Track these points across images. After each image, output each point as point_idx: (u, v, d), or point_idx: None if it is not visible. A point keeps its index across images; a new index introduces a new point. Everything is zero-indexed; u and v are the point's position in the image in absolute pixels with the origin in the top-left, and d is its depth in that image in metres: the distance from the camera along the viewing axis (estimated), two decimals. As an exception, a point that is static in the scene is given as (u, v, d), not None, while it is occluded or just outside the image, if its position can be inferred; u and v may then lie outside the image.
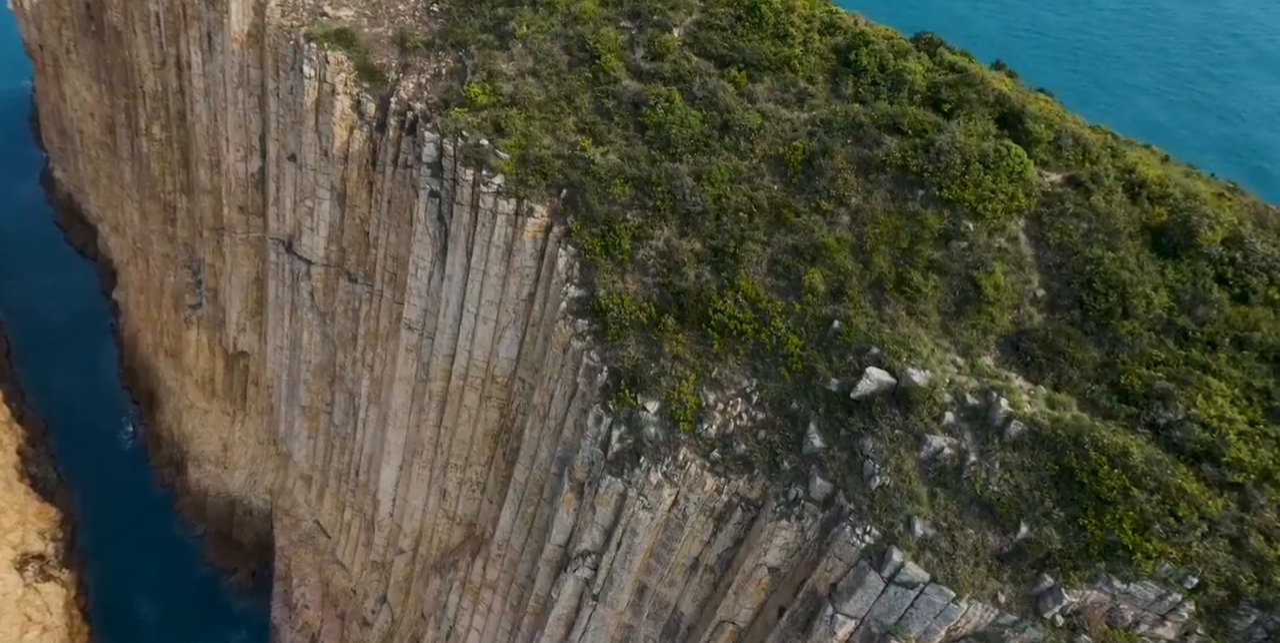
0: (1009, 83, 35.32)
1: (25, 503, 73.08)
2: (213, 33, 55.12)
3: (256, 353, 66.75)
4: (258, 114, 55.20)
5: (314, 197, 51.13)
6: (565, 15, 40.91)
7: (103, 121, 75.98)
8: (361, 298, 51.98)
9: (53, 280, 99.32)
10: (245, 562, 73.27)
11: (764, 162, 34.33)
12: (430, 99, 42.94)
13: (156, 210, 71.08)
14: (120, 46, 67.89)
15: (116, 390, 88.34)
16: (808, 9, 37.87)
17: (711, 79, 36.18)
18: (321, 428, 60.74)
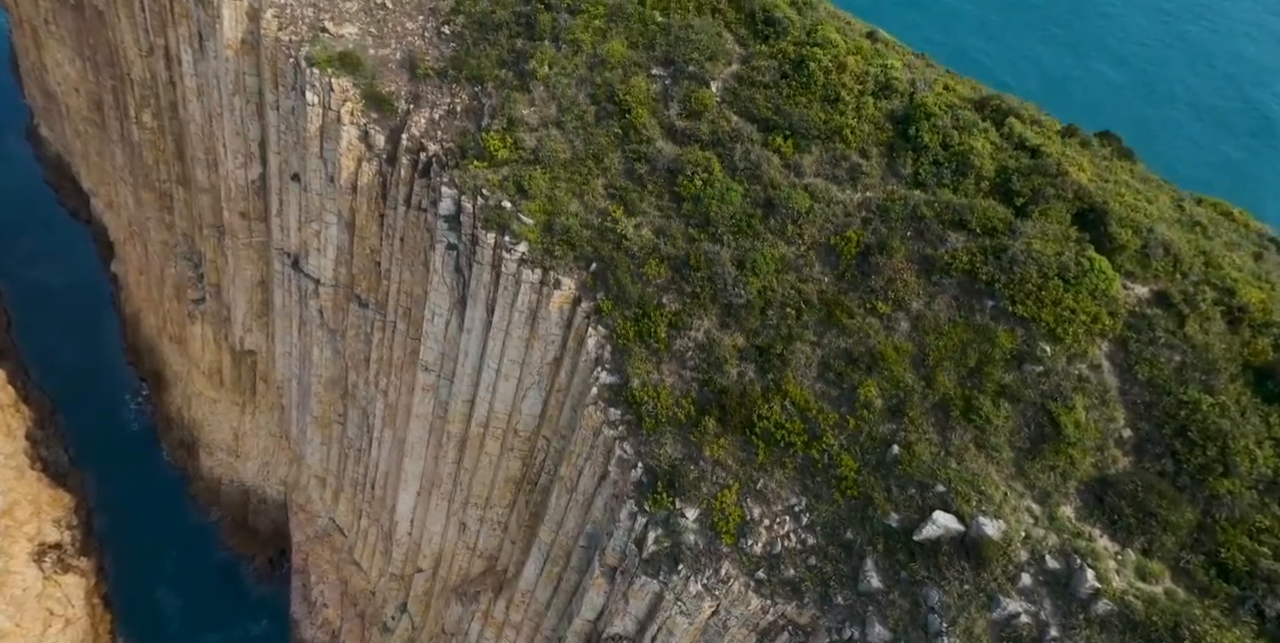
0: (1088, 168, 32.14)
1: (38, 491, 72.42)
2: (204, 33, 51.20)
3: (264, 352, 64.91)
4: (256, 122, 51.80)
5: (320, 220, 48.44)
6: (591, 56, 37.49)
7: (89, 98, 71.91)
8: (374, 323, 49.92)
9: (47, 245, 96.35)
10: (262, 549, 73.30)
11: (813, 249, 31.80)
12: (445, 140, 39.92)
13: (152, 199, 67.94)
14: (103, 26, 63.49)
15: (121, 366, 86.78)
16: (860, 67, 34.38)
17: (754, 147, 33.24)
18: (335, 437, 59.51)
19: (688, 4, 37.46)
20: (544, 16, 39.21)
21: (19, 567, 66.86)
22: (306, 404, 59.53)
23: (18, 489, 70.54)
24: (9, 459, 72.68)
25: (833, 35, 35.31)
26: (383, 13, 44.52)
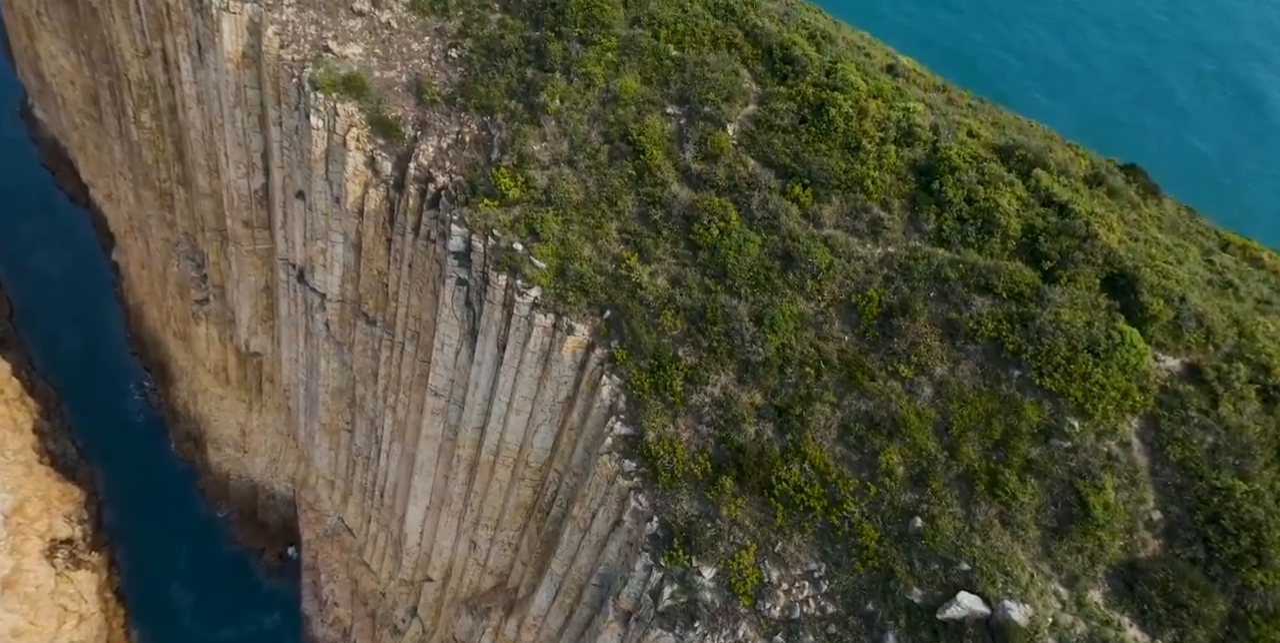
0: (1117, 227, 31.23)
1: (48, 486, 72.64)
2: (203, 43, 49.78)
3: (270, 355, 64.52)
4: (258, 133, 50.70)
5: (326, 239, 47.65)
6: (603, 91, 36.40)
7: (85, 92, 70.35)
8: (381, 341, 49.43)
9: (46, 230, 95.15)
10: (272, 543, 73.81)
11: (833, 306, 31.19)
12: (453, 172, 39.02)
13: (152, 198, 66.88)
14: (97, 23, 61.80)
15: (125, 355, 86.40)
16: (881, 112, 33.33)
17: (772, 196, 32.45)
18: (343, 444, 59.41)
19: (703, 38, 36.25)
20: (554, 45, 38.03)
21: (31, 565, 67.30)
22: (314, 411, 59.29)
23: (27, 486, 70.70)
24: (17, 455, 72.72)
25: (853, 76, 34.19)
26: (388, 32, 43.20)
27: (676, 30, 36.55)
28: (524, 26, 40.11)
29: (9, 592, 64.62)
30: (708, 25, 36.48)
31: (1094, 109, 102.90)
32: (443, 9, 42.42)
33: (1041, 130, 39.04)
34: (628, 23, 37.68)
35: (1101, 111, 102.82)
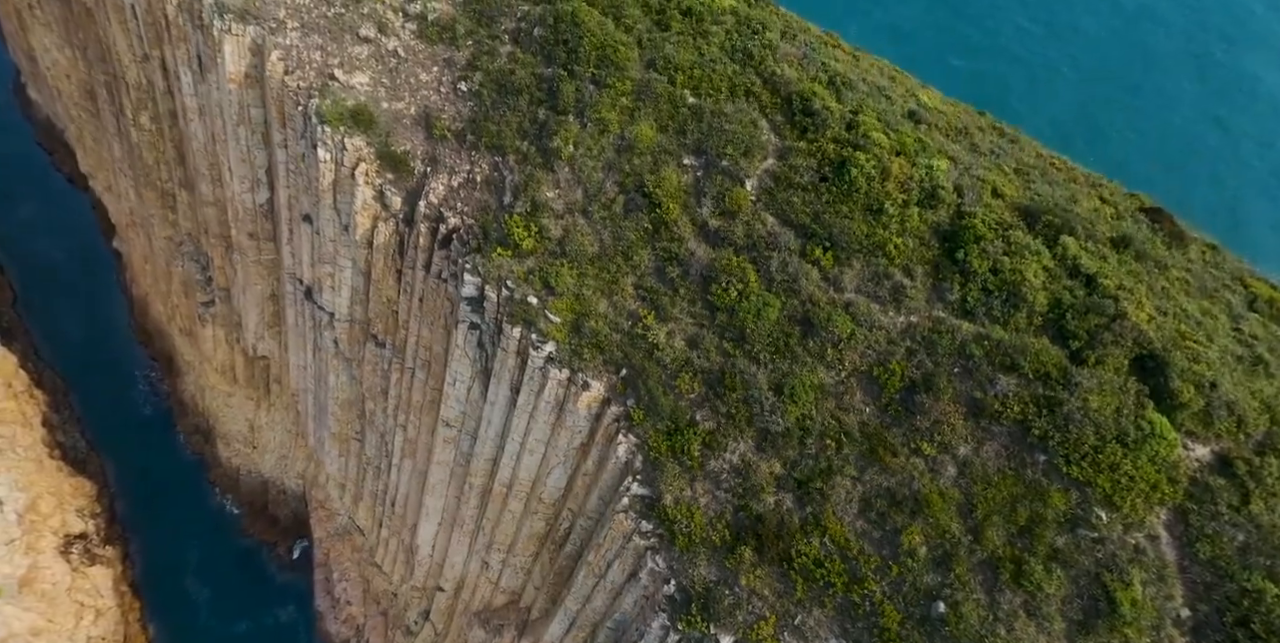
0: (1146, 303, 30.62)
1: (59, 481, 73.04)
2: (203, 57, 48.42)
3: (278, 359, 64.25)
4: (262, 150, 49.72)
5: (334, 263, 47.09)
6: (618, 138, 35.50)
7: (81, 87, 68.78)
8: (391, 363, 49.15)
9: (45, 213, 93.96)
10: (283, 537, 74.53)
11: (854, 376, 30.86)
12: (465, 213, 38.34)
13: (154, 197, 65.85)
14: (92, 23, 60.03)
15: (130, 343, 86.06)
16: (904, 172, 32.50)
17: (792, 258, 31.87)
18: (353, 452, 59.54)
19: (720, 85, 35.21)
20: (567, 86, 36.98)
21: (47, 562, 68.01)
22: (323, 419, 59.29)
23: (39, 482, 71.05)
24: (28, 451, 72.94)
25: (875, 132, 33.30)
26: (395, 61, 41.98)
27: (693, 76, 35.48)
28: (535, 62, 38.95)
29: (26, 590, 65.42)
30: (725, 71, 35.40)
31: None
32: (451, 39, 41.16)
33: (1065, 170, 38.15)
34: (643, 65, 36.58)
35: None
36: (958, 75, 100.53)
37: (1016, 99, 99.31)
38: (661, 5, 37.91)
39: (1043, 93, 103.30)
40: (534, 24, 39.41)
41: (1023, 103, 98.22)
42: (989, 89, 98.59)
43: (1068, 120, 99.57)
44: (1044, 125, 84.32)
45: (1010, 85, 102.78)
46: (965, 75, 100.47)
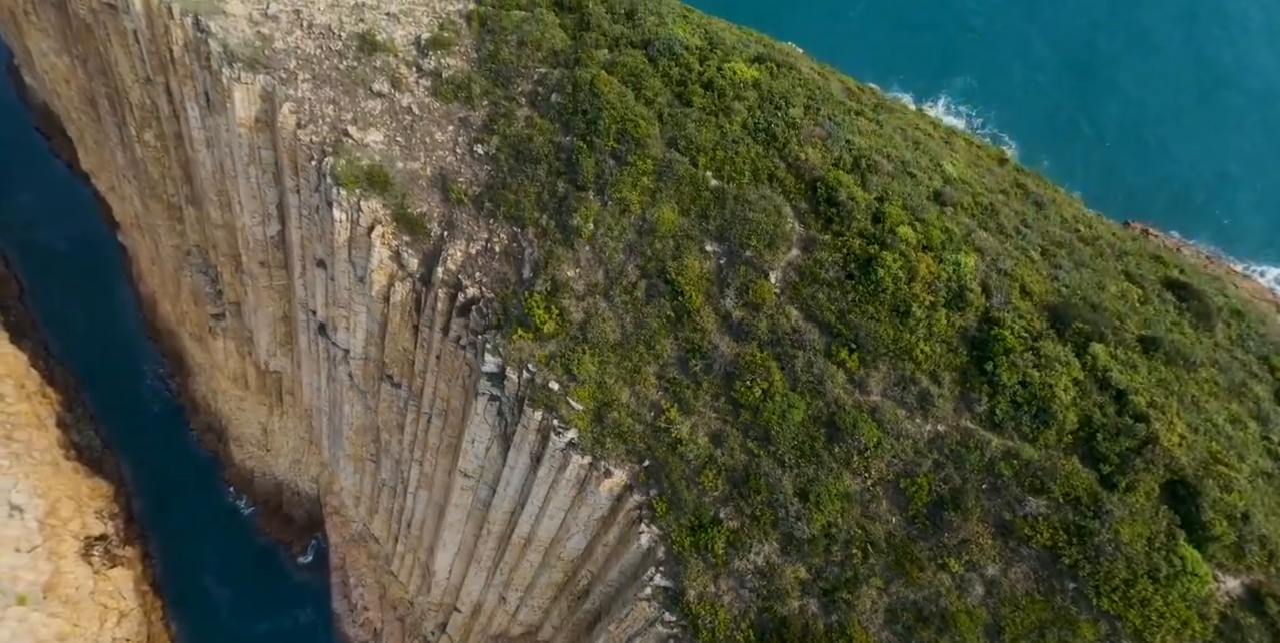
0: (1177, 422, 30.59)
1: (77, 483, 74.08)
2: (211, 95, 47.46)
3: (290, 374, 64.50)
4: (273, 188, 49.29)
5: (349, 308, 47.09)
6: (639, 219, 35.15)
7: (81, 93, 67.38)
8: (408, 403, 49.41)
9: (47, 202, 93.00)
10: (299, 535, 75.88)
11: (880, 485, 31.13)
12: (484, 284, 38.22)
13: (160, 209, 65.23)
14: (92, 39, 58.45)
15: (140, 337, 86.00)
16: (931, 273, 32.15)
17: (818, 358, 31.88)
18: (368, 471, 60.30)
19: (743, 168, 34.66)
20: (587, 160, 36.42)
21: (70, 566, 69.41)
22: (337, 439, 59.87)
23: (57, 486, 72.06)
24: (44, 454, 73.79)
25: (901, 226, 32.91)
26: (409, 118, 41.24)
27: (716, 157, 34.92)
28: (553, 129, 38.28)
29: (51, 596, 66.96)
30: (748, 153, 34.81)
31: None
32: (466, 98, 40.37)
33: (1089, 236, 37.72)
34: (664, 142, 35.95)
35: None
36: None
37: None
38: (682, 77, 37.08)
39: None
40: (552, 89, 38.59)
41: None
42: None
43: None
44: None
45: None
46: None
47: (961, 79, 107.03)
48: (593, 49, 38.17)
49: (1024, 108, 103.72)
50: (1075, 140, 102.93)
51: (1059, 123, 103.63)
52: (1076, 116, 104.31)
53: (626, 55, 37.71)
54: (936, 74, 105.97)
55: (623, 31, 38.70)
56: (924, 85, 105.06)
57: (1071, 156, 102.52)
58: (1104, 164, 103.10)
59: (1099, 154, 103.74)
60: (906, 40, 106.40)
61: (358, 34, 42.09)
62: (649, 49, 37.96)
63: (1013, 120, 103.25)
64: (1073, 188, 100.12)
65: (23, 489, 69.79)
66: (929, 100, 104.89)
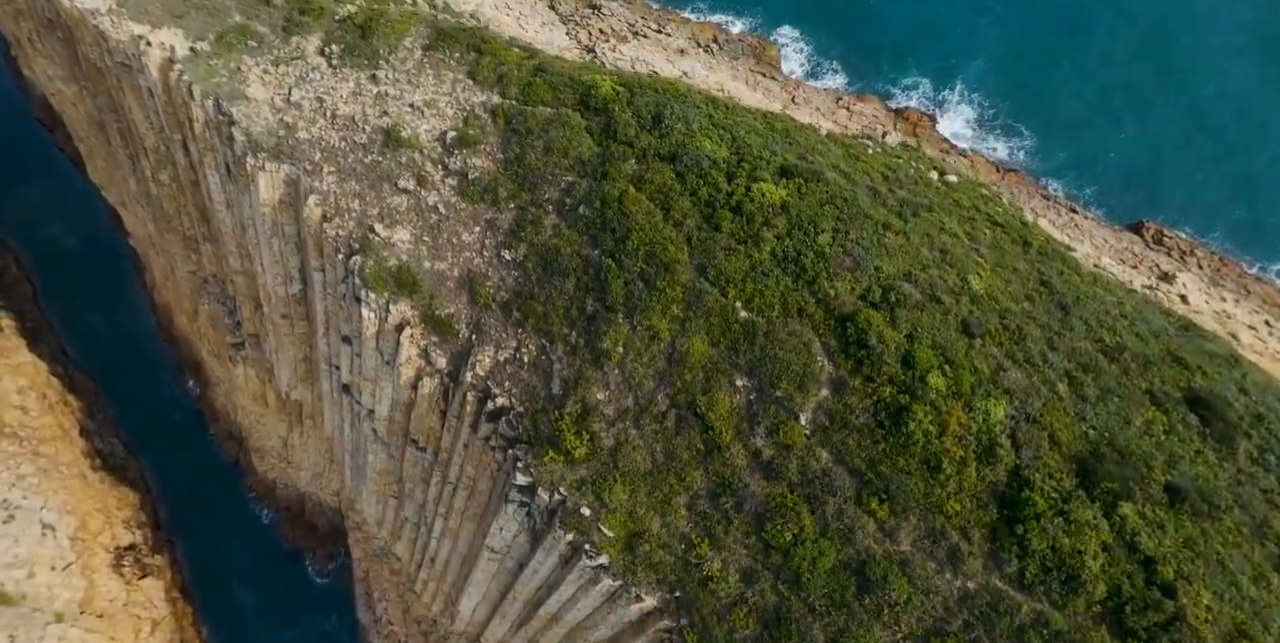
0: (1204, 593, 31.52)
1: (104, 494, 76.35)
2: (231, 167, 47.39)
3: (312, 405, 65.75)
4: (296, 255, 49.48)
5: (375, 383, 47.99)
6: (669, 347, 35.82)
7: (90, 120, 66.71)
8: (433, 468, 50.77)
9: (53, 198, 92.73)
10: (322, 543, 78.35)
11: (910, 640, 32.41)
12: (513, 393, 39.31)
13: (175, 240, 65.49)
14: (101, 78, 57.66)
15: (156, 340, 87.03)
16: (962, 426, 32.96)
17: (848, 506, 33.03)
18: (391, 506, 62.14)
19: (773, 301, 35.17)
20: (616, 280, 36.91)
21: (103, 580, 72.23)
22: (360, 477, 61.50)
23: (86, 501, 74.31)
24: (70, 467, 75.84)
25: (932, 373, 33.69)
26: (436, 217, 41.46)
27: (745, 289, 35.40)
28: (580, 241, 38.61)
29: (86, 612, 69.94)
30: (777, 286, 35.28)
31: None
32: (493, 200, 40.53)
33: (1115, 350, 38.30)
34: (693, 268, 36.34)
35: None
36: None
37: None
38: (711, 197, 37.18)
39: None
40: (579, 201, 38.74)
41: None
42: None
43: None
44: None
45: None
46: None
47: (977, 62, 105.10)
48: (620, 162, 38.13)
49: (1039, 96, 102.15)
50: (1091, 131, 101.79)
51: (1075, 113, 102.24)
52: (1092, 106, 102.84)
53: (654, 170, 37.74)
54: (952, 55, 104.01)
55: (650, 143, 38.57)
56: (939, 68, 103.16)
57: (1087, 148, 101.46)
58: (1120, 156, 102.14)
59: (1115, 145, 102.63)
60: (923, 17, 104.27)
61: (382, 128, 41.91)
62: (676, 163, 37.95)
63: (1028, 110, 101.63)
64: (1088, 184, 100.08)
65: (53, 507, 72.01)
66: (946, 88, 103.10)
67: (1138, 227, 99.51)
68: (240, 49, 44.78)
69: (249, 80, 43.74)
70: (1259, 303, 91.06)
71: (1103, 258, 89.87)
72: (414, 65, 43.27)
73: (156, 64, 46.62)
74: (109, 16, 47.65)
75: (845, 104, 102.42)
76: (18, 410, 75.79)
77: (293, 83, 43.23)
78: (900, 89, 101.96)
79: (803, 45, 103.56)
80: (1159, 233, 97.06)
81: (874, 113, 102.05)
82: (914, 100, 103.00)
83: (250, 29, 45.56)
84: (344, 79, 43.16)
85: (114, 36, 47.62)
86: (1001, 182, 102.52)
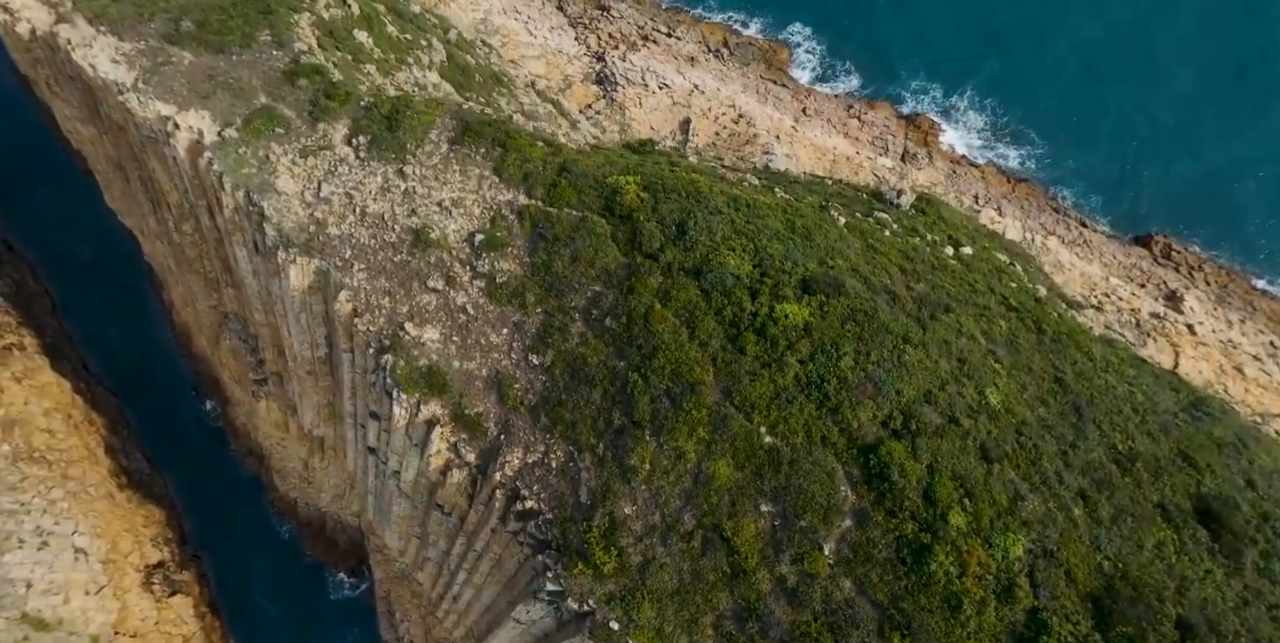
0: None
1: (131, 513, 78.72)
2: (259, 245, 48.27)
3: (335, 444, 67.44)
4: (322, 326, 50.61)
5: (403, 456, 49.50)
6: (695, 467, 37.25)
7: (108, 159, 66.96)
8: (458, 533, 52.60)
9: (64, 204, 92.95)
10: (343, 559, 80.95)
11: None
12: (541, 497, 40.92)
13: (197, 279, 66.40)
14: (124, 135, 58.02)
15: (176, 355, 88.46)
16: (982, 566, 34.55)
17: (871, 639, 34.87)
18: (414, 545, 64.19)
19: (797, 427, 36.49)
20: (642, 396, 38.26)
21: (134, 600, 75.01)
22: (384, 515, 63.44)
23: (115, 522, 76.70)
24: (98, 488, 78.03)
25: (953, 510, 35.20)
26: (464, 317, 42.56)
27: (770, 416, 36.65)
28: (607, 351, 39.80)
29: (121, 634, 72.73)
30: (801, 413, 36.59)
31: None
32: (520, 304, 41.58)
33: (1130, 427, 39.63)
34: (718, 390, 37.58)
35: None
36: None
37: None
38: (735, 317, 38.22)
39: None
40: (606, 313, 39.81)
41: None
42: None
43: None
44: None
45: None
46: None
47: (989, 64, 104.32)
48: (646, 276, 39.07)
49: (1049, 102, 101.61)
50: (1100, 138, 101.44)
51: (1085, 120, 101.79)
52: (1102, 114, 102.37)
53: (680, 287, 38.75)
54: (964, 57, 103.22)
55: (675, 256, 39.44)
56: (951, 71, 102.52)
57: (1096, 156, 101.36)
58: (1130, 166, 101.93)
59: (1125, 154, 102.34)
60: (936, 19, 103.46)
61: (411, 228, 42.73)
62: (701, 280, 38.91)
63: (1038, 116, 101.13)
64: (1098, 196, 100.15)
65: (84, 530, 74.38)
66: (956, 93, 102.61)
67: (1146, 239, 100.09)
68: (268, 136, 45.30)
69: (278, 171, 44.38)
70: (1264, 322, 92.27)
71: (1111, 279, 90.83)
72: (440, 160, 43.86)
73: (185, 146, 47.18)
74: (135, 94, 48.08)
75: (856, 113, 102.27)
76: (45, 433, 77.69)
77: (322, 176, 43.90)
78: (910, 93, 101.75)
79: (814, 45, 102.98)
80: (1167, 246, 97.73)
81: (885, 122, 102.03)
82: (924, 104, 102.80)
83: (277, 113, 45.99)
84: (372, 173, 43.81)
85: (141, 115, 48.06)
86: (1012, 193, 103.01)
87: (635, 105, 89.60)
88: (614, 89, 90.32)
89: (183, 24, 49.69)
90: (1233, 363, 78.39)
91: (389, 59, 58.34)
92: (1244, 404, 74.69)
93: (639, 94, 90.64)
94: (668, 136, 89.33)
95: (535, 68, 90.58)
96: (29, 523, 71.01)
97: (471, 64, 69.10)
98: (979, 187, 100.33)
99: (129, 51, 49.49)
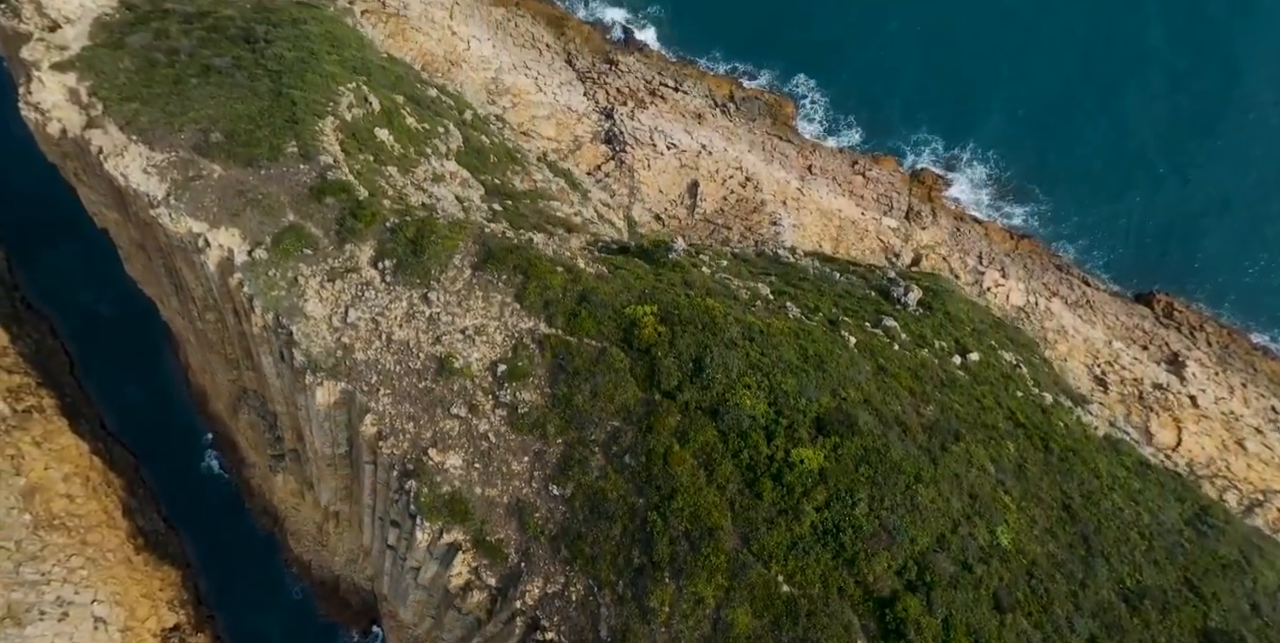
0: None
1: (148, 577, 79.86)
2: (286, 356, 49.29)
3: (352, 519, 68.49)
4: (345, 430, 51.61)
5: (423, 563, 50.40)
6: (714, 615, 38.30)
7: (132, 241, 68.05)
8: (473, 632, 53.61)
9: (80, 259, 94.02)
10: (356, 619, 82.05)
11: None
12: (562, 630, 41.73)
13: (218, 359, 67.44)
14: (151, 232, 59.06)
15: (191, 413, 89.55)
16: None
17: None
18: (428, 624, 65.23)
19: (814, 578, 37.54)
20: (661, 538, 39.30)
21: (152, 666, 75.95)
22: (400, 596, 64.47)
23: (133, 588, 77.86)
24: (116, 553, 79.19)
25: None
26: (486, 444, 43.62)
27: (787, 566, 37.70)
28: (626, 487, 40.86)
29: (138, 699, 73.78)
30: (818, 564, 37.70)
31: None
32: (541, 434, 42.62)
33: (1139, 563, 40.55)
34: (736, 536, 38.62)
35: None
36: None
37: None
38: (752, 461, 39.26)
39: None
40: (625, 450, 40.86)
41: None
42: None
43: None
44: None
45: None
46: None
47: (993, 118, 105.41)
48: (664, 416, 40.15)
49: (1052, 158, 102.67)
50: (1103, 195, 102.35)
51: (1088, 177, 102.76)
52: (1106, 172, 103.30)
53: (698, 427, 39.86)
54: (965, 112, 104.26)
55: (692, 396, 40.51)
56: (952, 125, 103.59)
57: (1099, 214, 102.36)
58: (1134, 222, 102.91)
59: (1128, 211, 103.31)
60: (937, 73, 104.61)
61: (436, 356, 43.79)
62: (718, 421, 40.00)
63: (1041, 172, 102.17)
64: (1100, 252, 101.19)
65: (103, 598, 75.58)
66: (958, 145, 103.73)
67: (1149, 298, 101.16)
68: (296, 256, 46.36)
69: (306, 294, 45.46)
70: (1266, 384, 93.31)
71: (1114, 343, 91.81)
72: (464, 285, 44.92)
73: (215, 262, 48.23)
74: (166, 209, 49.16)
75: (861, 169, 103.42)
76: (65, 499, 78.91)
77: (349, 300, 44.97)
78: (911, 147, 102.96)
79: (818, 97, 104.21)
80: (1169, 306, 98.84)
81: (889, 179, 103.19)
82: (925, 158, 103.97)
83: (305, 232, 47.06)
84: (398, 298, 44.88)
85: (173, 229, 49.10)
86: (1015, 250, 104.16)
87: (644, 167, 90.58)
88: (623, 150, 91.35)
89: (212, 135, 50.73)
90: (1235, 437, 79.34)
91: (409, 153, 59.46)
92: (1245, 481, 75.74)
93: (647, 155, 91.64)
94: (676, 200, 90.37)
95: (546, 129, 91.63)
96: (50, 594, 72.22)
97: (486, 144, 70.21)
98: (982, 245, 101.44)
99: (160, 162, 50.58)
